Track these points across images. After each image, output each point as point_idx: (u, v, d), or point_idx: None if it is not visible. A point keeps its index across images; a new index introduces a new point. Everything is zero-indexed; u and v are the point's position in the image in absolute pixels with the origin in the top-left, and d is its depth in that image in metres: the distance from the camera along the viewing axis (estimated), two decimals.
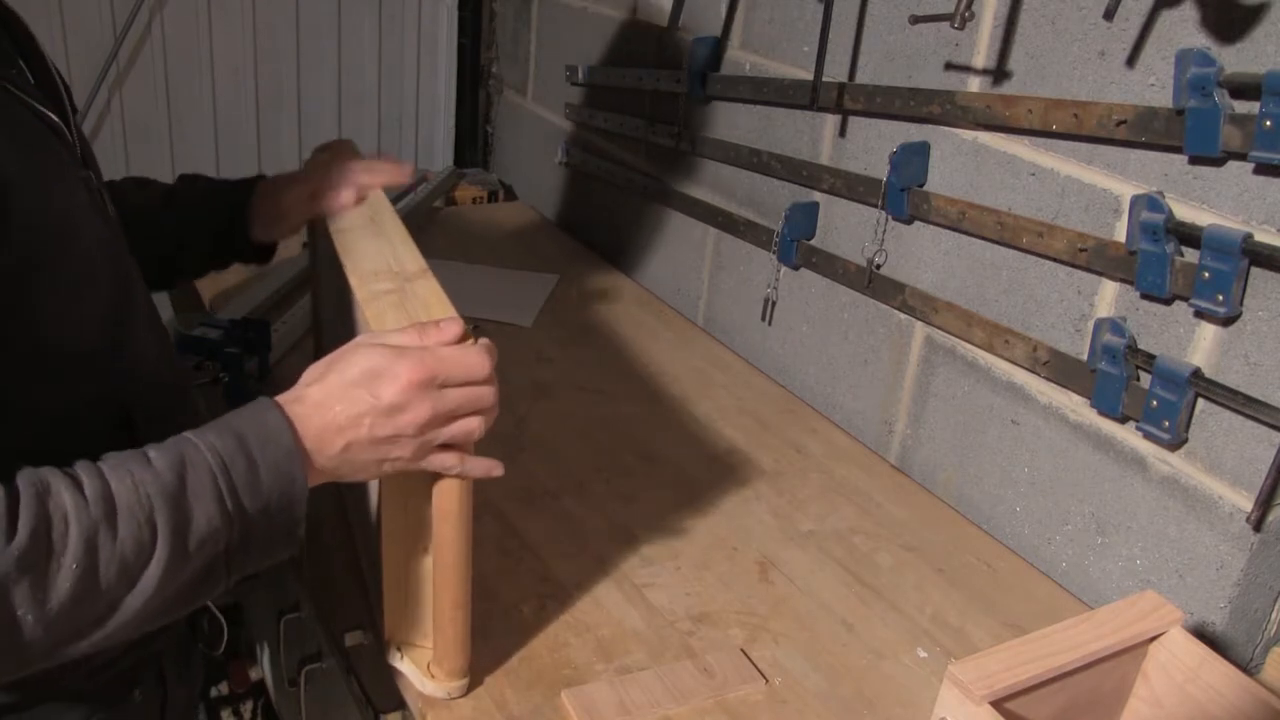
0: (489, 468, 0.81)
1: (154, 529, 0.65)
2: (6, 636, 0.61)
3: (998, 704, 0.78)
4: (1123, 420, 1.09)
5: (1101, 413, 1.10)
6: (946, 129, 1.23)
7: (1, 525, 0.60)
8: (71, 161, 0.78)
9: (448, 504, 0.82)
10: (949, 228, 1.24)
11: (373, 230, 1.01)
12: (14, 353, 0.70)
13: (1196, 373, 1.00)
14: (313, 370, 0.76)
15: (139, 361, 0.81)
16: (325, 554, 1.17)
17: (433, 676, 0.92)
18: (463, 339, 0.78)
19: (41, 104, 0.76)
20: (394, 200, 2.01)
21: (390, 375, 0.73)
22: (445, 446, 0.78)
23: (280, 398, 0.74)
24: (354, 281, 0.89)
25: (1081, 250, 1.08)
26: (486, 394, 0.78)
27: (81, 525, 0.63)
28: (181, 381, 0.91)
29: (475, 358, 0.76)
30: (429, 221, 2.03)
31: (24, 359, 0.71)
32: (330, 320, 1.18)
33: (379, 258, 0.94)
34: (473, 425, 0.78)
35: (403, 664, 0.94)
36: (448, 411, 0.76)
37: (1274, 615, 1.05)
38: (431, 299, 0.86)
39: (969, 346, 1.25)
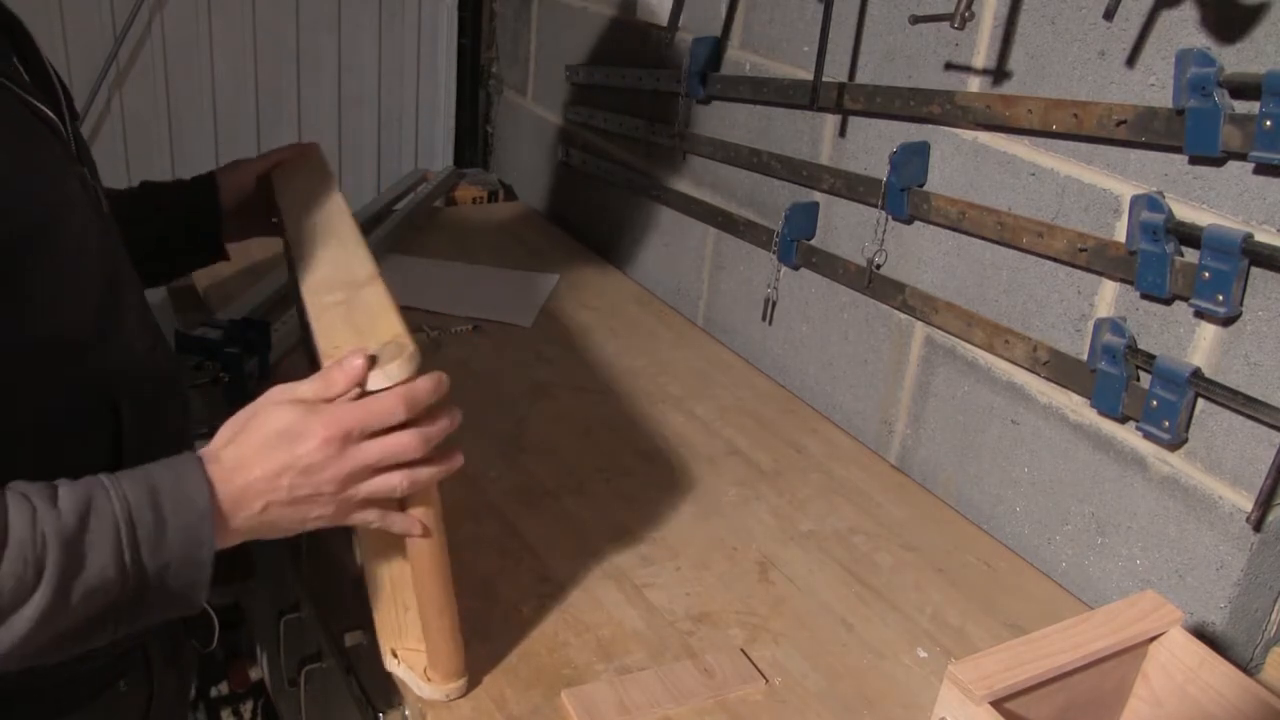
0: (408, 525, 0.80)
1: (40, 570, 0.63)
2: None
3: (998, 704, 0.78)
4: (1123, 420, 1.09)
5: (1101, 413, 1.10)
6: (946, 129, 1.23)
7: None
8: (65, 155, 0.79)
9: (418, 512, 0.81)
10: (949, 228, 1.24)
11: (327, 237, 0.99)
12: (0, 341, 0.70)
13: (1196, 373, 1.00)
14: (227, 428, 0.74)
15: (128, 353, 0.81)
16: (325, 554, 1.17)
17: (429, 680, 0.92)
18: (368, 370, 0.74)
19: (35, 97, 0.76)
20: (394, 201, 2.02)
21: (306, 434, 0.72)
22: (367, 501, 0.77)
23: (202, 453, 0.72)
24: (305, 294, 0.89)
25: (1081, 250, 1.08)
26: (408, 442, 0.75)
27: None
28: (172, 373, 0.91)
29: (389, 403, 0.73)
30: (429, 221, 2.03)
31: (9, 347, 0.71)
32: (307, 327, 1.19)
33: (331, 266, 0.92)
34: (394, 481, 0.76)
35: (400, 669, 0.93)
36: (366, 466, 0.74)
37: (1274, 615, 1.05)
38: (377, 307, 0.84)
39: (969, 346, 1.25)
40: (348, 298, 0.86)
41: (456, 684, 0.92)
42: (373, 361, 0.75)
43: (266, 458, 0.72)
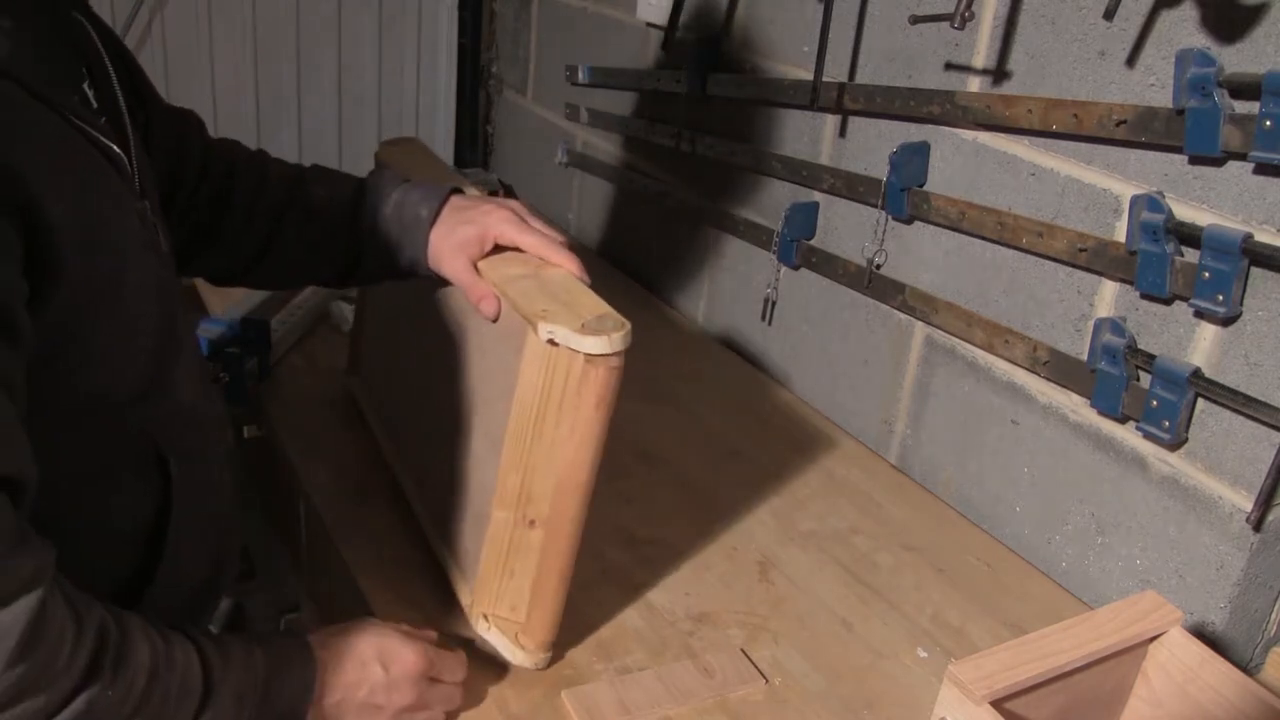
0: None
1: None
2: None
3: (998, 704, 0.78)
4: (1123, 420, 1.09)
5: (1101, 413, 1.10)
6: (946, 129, 1.23)
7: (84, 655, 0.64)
8: (128, 193, 0.75)
9: (576, 475, 0.85)
10: (949, 228, 1.24)
11: None
12: (50, 400, 0.67)
13: (1196, 373, 1.00)
14: (322, 634, 0.83)
15: (178, 404, 0.80)
16: (325, 554, 1.17)
17: (522, 647, 0.93)
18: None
19: (102, 131, 0.73)
20: None
21: (400, 655, 0.83)
22: None
23: (311, 639, 0.82)
24: (483, 266, 0.94)
25: (1081, 250, 1.08)
26: (453, 695, 0.88)
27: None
28: (219, 418, 0.90)
29: (461, 662, 0.89)
30: None
31: (60, 407, 0.68)
32: (399, 321, 1.19)
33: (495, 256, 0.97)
34: (436, 718, 0.88)
35: (490, 634, 0.95)
36: (426, 703, 0.85)
37: (1274, 615, 1.05)
38: (572, 285, 0.91)
39: (969, 346, 1.25)
40: (532, 273, 0.93)
41: (547, 655, 0.94)
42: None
43: (361, 671, 0.82)
